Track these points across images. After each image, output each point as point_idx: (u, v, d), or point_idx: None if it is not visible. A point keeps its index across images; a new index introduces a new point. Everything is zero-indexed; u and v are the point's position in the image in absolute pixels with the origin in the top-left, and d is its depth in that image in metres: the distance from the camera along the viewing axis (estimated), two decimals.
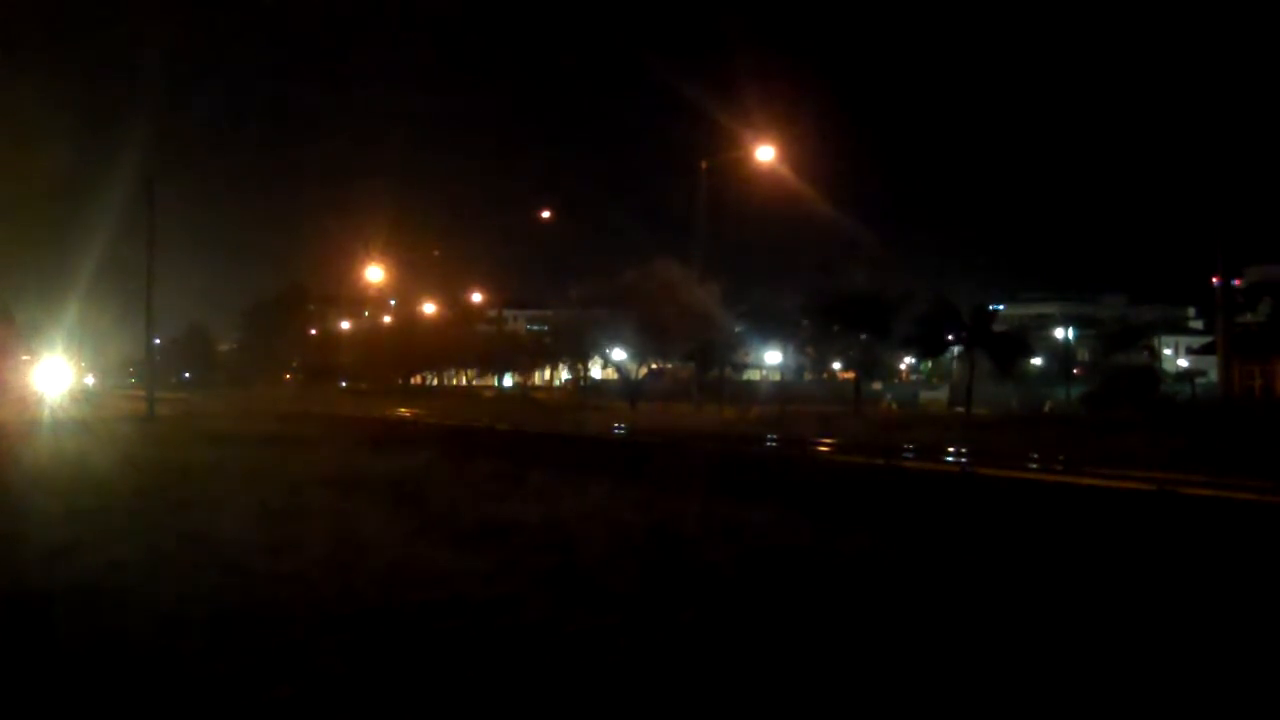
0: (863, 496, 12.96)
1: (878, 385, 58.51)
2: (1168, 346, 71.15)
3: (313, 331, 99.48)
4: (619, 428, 34.27)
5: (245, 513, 10.88)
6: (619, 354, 60.31)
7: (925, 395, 58.95)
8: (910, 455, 21.68)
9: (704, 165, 45.95)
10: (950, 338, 47.98)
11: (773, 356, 57.65)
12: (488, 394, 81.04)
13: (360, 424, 34.00)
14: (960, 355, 52.51)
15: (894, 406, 52.95)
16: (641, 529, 9.91)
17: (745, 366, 66.13)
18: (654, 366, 64.34)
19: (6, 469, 15.88)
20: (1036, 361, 51.70)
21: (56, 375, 50.23)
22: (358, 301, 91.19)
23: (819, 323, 51.99)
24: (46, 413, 34.81)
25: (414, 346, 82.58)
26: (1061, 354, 52.76)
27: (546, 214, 64.63)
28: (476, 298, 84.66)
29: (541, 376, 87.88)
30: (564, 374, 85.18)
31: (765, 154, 42.27)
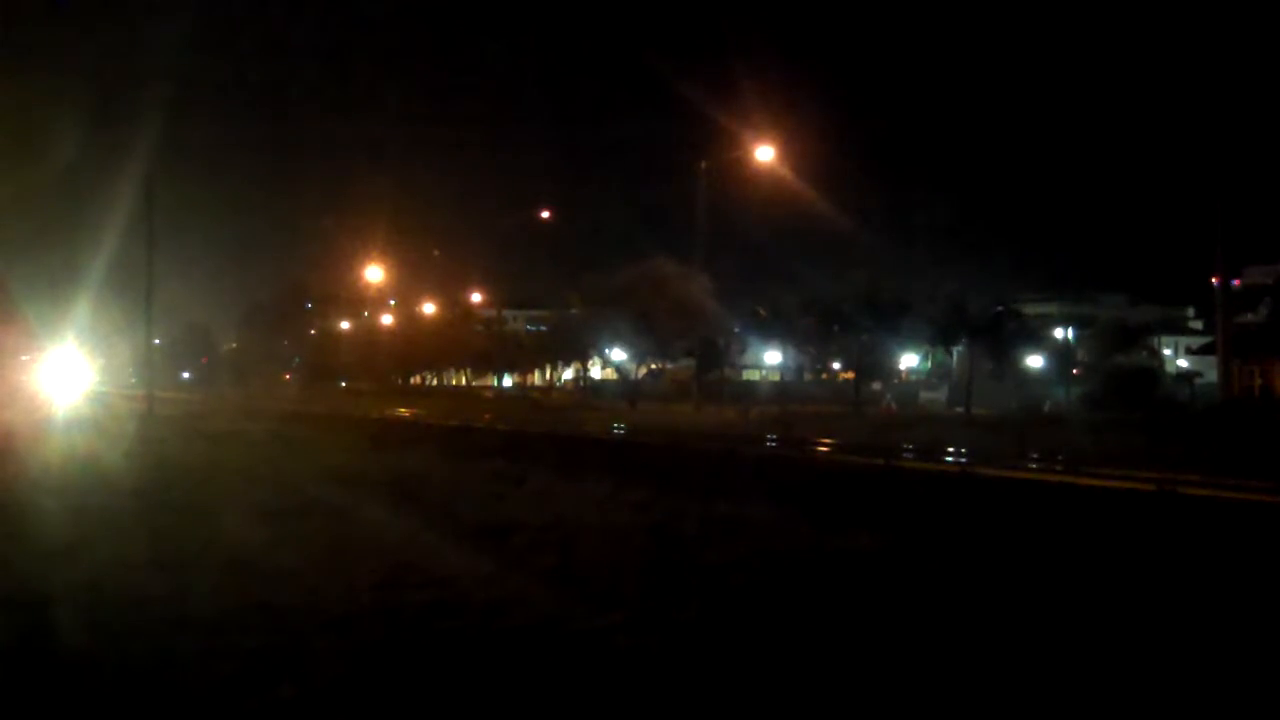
0: (863, 496, 12.97)
1: (877, 385, 58.47)
2: (1167, 346, 71.03)
3: (313, 331, 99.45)
4: (619, 428, 34.28)
5: (245, 512, 10.90)
6: (619, 354, 60.35)
7: (925, 395, 58.88)
8: (910, 455, 21.69)
9: (703, 165, 46.03)
10: (961, 335, 47.96)
11: (773, 356, 57.68)
12: (487, 394, 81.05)
13: (360, 424, 33.99)
14: (960, 354, 52.53)
15: (894, 406, 52.93)
16: (641, 529, 9.92)
17: (745, 366, 66.17)
18: (654, 366, 64.39)
19: (11, 469, 15.88)
20: (1036, 361, 51.67)
21: (70, 375, 50.06)
22: (358, 301, 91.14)
23: (819, 322, 52.04)
24: (57, 412, 34.77)
25: (414, 346, 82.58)
26: (1061, 354, 52.64)
27: (546, 214, 64.76)
28: (476, 298, 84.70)
29: (541, 376, 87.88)
30: (565, 374, 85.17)
31: (765, 154, 42.40)
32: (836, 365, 62.70)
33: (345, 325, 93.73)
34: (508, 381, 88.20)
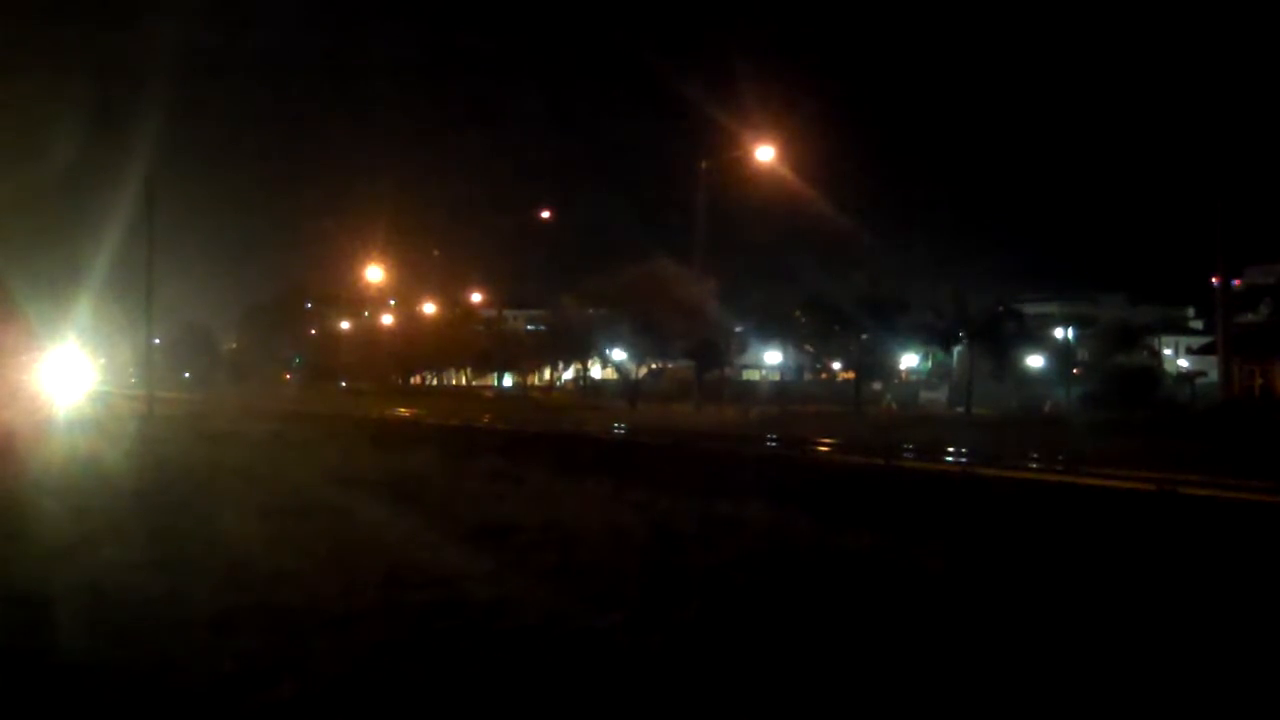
0: (863, 496, 12.98)
1: (878, 385, 58.50)
2: (1168, 346, 71.10)
3: (313, 331, 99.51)
4: (619, 427, 34.30)
5: (246, 512, 10.89)
6: (619, 354, 60.37)
7: (925, 395, 58.95)
8: (910, 455, 21.70)
9: (703, 165, 46.05)
10: (961, 335, 48.00)
11: (773, 356, 57.74)
12: (487, 394, 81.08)
13: (360, 424, 33.99)
14: (960, 354, 52.55)
15: (894, 406, 52.96)
16: (641, 529, 9.91)
17: (745, 366, 66.20)
18: (654, 366, 64.37)
19: (12, 469, 15.88)
20: (1037, 361, 51.71)
21: (71, 375, 50.04)
22: (358, 301, 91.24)
23: (819, 322, 52.09)
24: (58, 412, 34.74)
25: (414, 346, 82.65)
26: (1061, 354, 52.69)
27: (546, 214, 64.88)
28: (476, 298, 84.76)
29: (541, 376, 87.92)
30: (565, 374, 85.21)
31: (765, 154, 42.38)
32: (836, 365, 62.76)
33: (345, 325, 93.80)
34: (508, 381, 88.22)
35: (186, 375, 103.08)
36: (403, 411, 47.58)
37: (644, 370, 62.72)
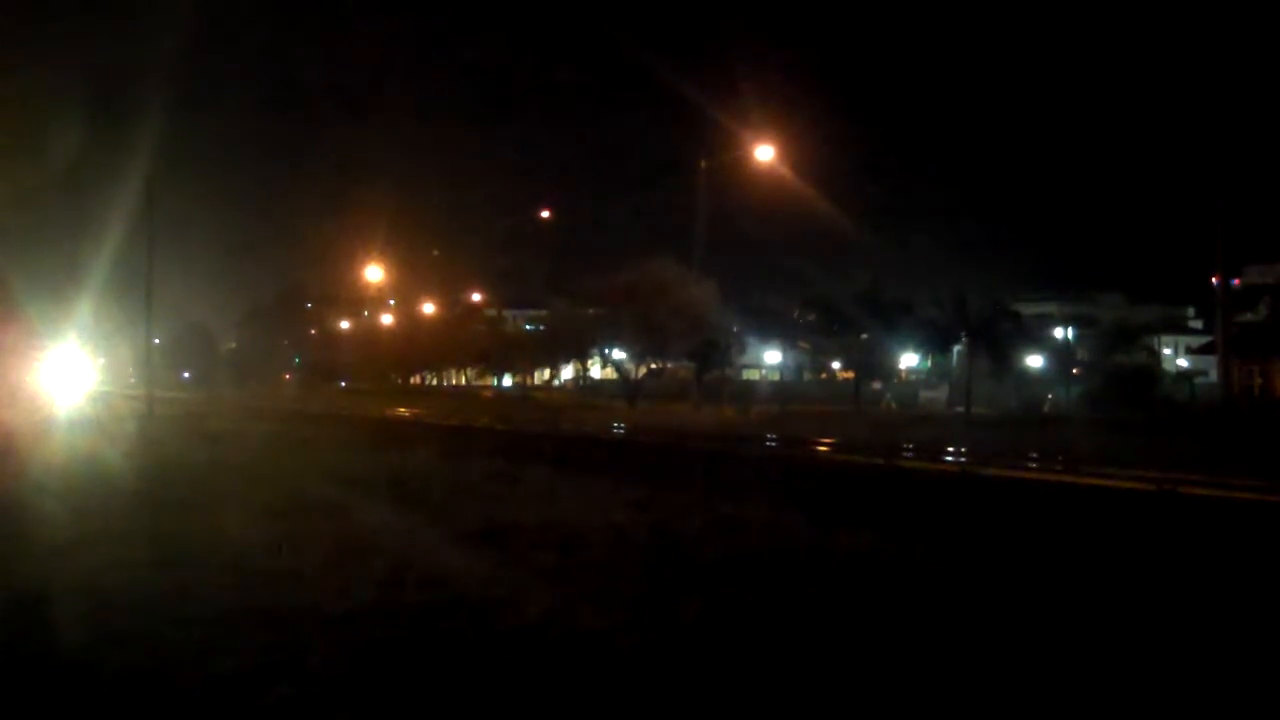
0: (862, 496, 12.98)
1: (877, 385, 58.51)
2: (1167, 346, 71.02)
3: (313, 331, 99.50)
4: (618, 427, 34.28)
5: (246, 512, 10.90)
6: (619, 354, 60.38)
7: (924, 395, 58.93)
8: (910, 455, 21.69)
9: (703, 165, 45.99)
10: (963, 334, 47.96)
11: (773, 356, 57.72)
12: (487, 394, 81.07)
13: (360, 424, 34.00)
14: (961, 354, 52.53)
15: (893, 406, 52.96)
16: (641, 528, 9.92)
17: (745, 366, 66.20)
18: (654, 366, 64.36)
19: (12, 468, 15.88)
20: (1036, 361, 51.68)
21: (72, 375, 50.05)
22: (358, 301, 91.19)
23: (819, 322, 52.10)
24: (59, 413, 34.73)
25: (414, 346, 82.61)
26: (1061, 354, 52.66)
27: (546, 214, 64.91)
28: (476, 298, 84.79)
29: (541, 376, 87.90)
30: (564, 374, 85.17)
31: (765, 154, 42.25)
32: (836, 365, 62.78)
33: (345, 325, 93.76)
34: (507, 381, 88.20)
35: (186, 375, 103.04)
36: (402, 411, 47.55)
37: (644, 370, 62.71)
